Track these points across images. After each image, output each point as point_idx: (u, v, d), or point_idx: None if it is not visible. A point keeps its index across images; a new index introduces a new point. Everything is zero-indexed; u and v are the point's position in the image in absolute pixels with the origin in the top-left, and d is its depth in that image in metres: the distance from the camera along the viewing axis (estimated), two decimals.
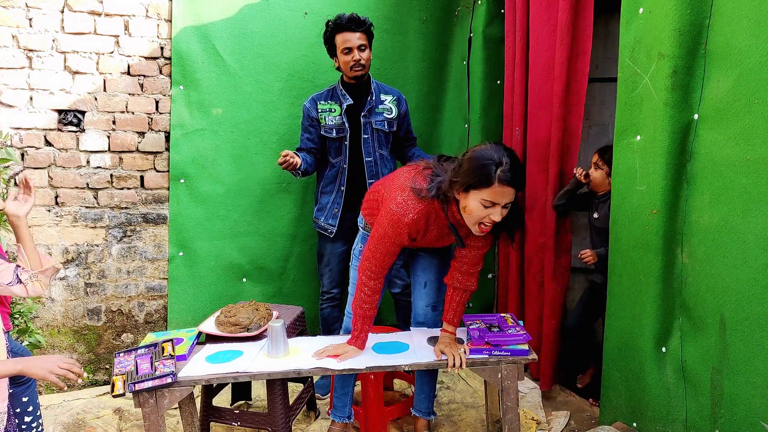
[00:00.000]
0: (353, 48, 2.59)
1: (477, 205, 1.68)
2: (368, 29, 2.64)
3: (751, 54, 1.62)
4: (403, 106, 2.80)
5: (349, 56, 2.60)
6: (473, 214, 1.71)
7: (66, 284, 2.92)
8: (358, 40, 2.60)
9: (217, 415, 2.28)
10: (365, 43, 2.63)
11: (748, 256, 1.66)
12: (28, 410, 1.97)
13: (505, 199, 1.67)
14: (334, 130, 2.69)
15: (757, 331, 1.65)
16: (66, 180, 2.88)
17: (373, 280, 1.96)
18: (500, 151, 1.67)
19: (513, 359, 1.98)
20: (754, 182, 1.63)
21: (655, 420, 2.03)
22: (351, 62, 2.61)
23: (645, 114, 1.99)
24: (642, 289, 2.04)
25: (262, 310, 2.33)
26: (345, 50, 2.60)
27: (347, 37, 2.59)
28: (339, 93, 2.71)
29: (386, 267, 1.96)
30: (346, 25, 2.58)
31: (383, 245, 1.90)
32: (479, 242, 1.96)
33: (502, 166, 1.64)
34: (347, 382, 2.28)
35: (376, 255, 1.93)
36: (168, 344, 2.00)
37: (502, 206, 1.68)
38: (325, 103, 2.72)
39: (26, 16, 2.75)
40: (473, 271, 2.02)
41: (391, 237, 1.88)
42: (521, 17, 2.73)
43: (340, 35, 2.60)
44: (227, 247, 3.07)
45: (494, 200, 1.66)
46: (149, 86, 2.96)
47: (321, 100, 2.73)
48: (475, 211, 1.70)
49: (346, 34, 2.59)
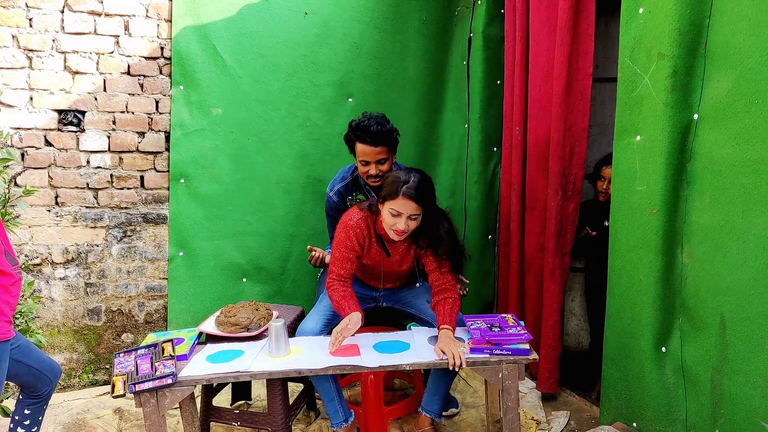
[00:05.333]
0: (371, 162, 2.40)
1: (387, 213, 2.07)
2: (392, 140, 2.39)
3: (751, 54, 1.62)
4: None
5: (366, 168, 2.42)
6: (386, 221, 2.09)
7: (66, 284, 2.92)
8: (378, 154, 2.37)
9: (217, 415, 2.28)
10: (386, 156, 2.40)
11: (748, 256, 1.66)
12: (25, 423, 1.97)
13: (408, 210, 2.03)
14: None
15: (757, 331, 1.65)
16: (66, 180, 2.88)
17: (338, 283, 2.22)
18: (410, 173, 2.07)
19: (514, 359, 1.98)
20: (754, 182, 1.63)
21: (655, 420, 2.03)
22: (366, 172, 2.43)
23: (645, 114, 1.99)
24: (642, 289, 2.04)
25: (262, 310, 2.34)
26: (363, 162, 2.42)
27: (366, 150, 2.37)
28: (363, 186, 2.58)
29: (347, 272, 2.24)
30: (366, 138, 2.35)
31: (338, 251, 2.23)
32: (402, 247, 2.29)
33: (408, 184, 2.02)
34: (327, 388, 2.21)
35: (336, 259, 2.24)
36: (168, 344, 2.00)
37: (407, 216, 2.04)
38: (352, 197, 2.60)
39: (26, 16, 2.75)
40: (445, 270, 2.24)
41: (343, 240, 2.22)
42: (521, 17, 2.73)
43: (359, 145, 2.39)
44: (227, 247, 3.07)
45: (399, 210, 2.03)
46: (149, 86, 2.96)
47: (348, 195, 2.60)
48: (386, 218, 2.08)
49: (366, 147, 2.36)
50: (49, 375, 1.98)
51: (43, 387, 1.97)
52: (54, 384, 2.02)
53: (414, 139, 3.22)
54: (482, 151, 3.21)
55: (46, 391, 1.99)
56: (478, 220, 3.26)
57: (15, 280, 1.85)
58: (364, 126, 2.35)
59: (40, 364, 1.95)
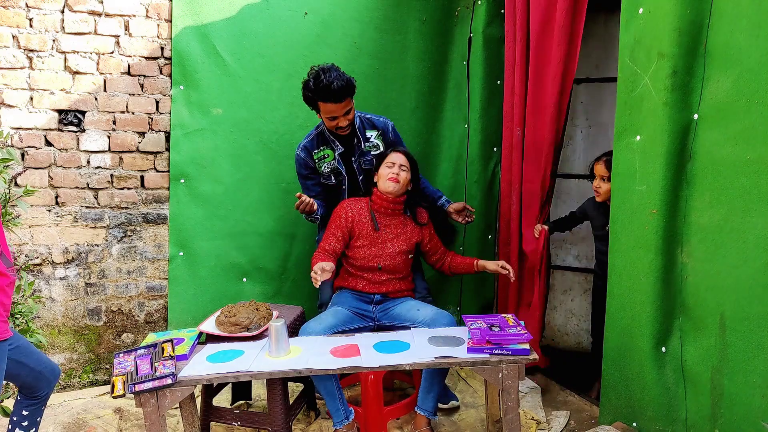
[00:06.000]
0: (339, 116, 2.44)
1: (384, 168, 2.52)
2: (353, 90, 2.41)
3: (751, 54, 1.62)
4: (390, 137, 2.71)
5: (335, 122, 2.47)
6: (381, 174, 2.52)
7: (66, 284, 2.92)
8: (344, 107, 2.41)
9: (217, 415, 2.29)
10: (351, 106, 2.45)
11: (748, 256, 1.66)
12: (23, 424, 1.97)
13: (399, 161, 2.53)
14: (332, 176, 2.67)
15: (756, 330, 1.65)
16: (66, 180, 2.88)
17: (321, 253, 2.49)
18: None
19: (514, 359, 1.98)
20: (754, 182, 1.63)
21: (655, 420, 2.03)
22: (336, 125, 2.48)
23: (645, 114, 1.99)
24: (642, 289, 2.04)
25: (262, 309, 2.34)
26: (330, 118, 2.46)
27: (332, 108, 2.40)
28: (329, 138, 2.61)
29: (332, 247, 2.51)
30: (330, 97, 2.35)
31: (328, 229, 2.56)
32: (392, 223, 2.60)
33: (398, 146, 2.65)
34: (328, 387, 2.23)
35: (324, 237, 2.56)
36: (168, 345, 2.00)
37: (399, 165, 2.51)
38: (318, 150, 2.63)
39: (26, 16, 2.75)
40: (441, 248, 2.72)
41: (334, 219, 2.55)
42: (521, 17, 2.73)
43: (323, 104, 2.40)
44: (227, 247, 3.07)
45: (393, 161, 2.53)
46: (149, 86, 2.96)
47: (314, 149, 2.63)
48: (382, 172, 2.52)
49: (330, 105, 2.39)
50: (48, 376, 1.97)
51: (42, 388, 1.97)
52: (53, 385, 2.01)
53: (414, 139, 3.22)
54: (482, 151, 3.21)
55: (44, 392, 1.99)
56: (478, 220, 3.25)
57: (10, 281, 1.85)
58: (324, 86, 2.32)
59: (40, 365, 1.95)
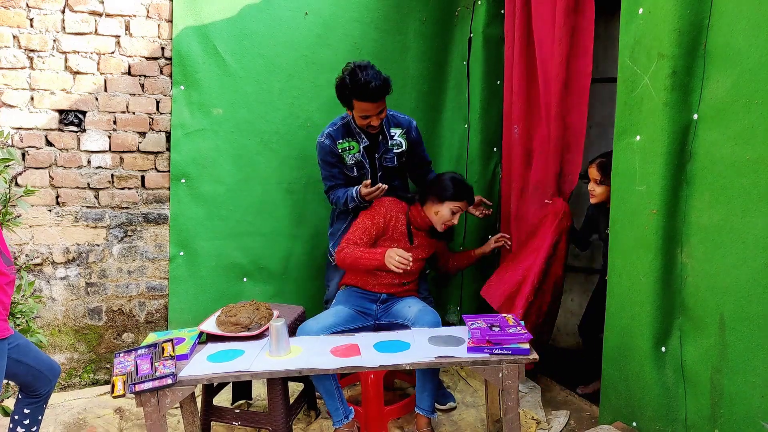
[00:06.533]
0: (372, 115, 2.45)
1: (447, 210, 2.51)
2: (390, 89, 2.41)
3: (751, 54, 1.62)
4: (413, 135, 2.74)
5: (367, 121, 2.49)
6: (443, 215, 2.52)
7: (67, 284, 2.93)
8: (379, 107, 2.41)
9: (218, 415, 2.29)
10: (384, 106, 2.45)
11: (747, 256, 1.66)
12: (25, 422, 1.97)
13: (464, 208, 2.58)
14: (355, 168, 2.67)
15: (756, 331, 1.65)
16: (67, 180, 2.89)
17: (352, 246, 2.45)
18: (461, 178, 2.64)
19: (514, 358, 1.98)
20: (754, 182, 1.63)
21: (655, 420, 2.04)
22: (367, 124, 2.50)
23: (645, 114, 1.99)
24: (642, 289, 2.04)
25: (263, 309, 2.34)
26: (363, 116, 2.47)
27: (368, 107, 2.40)
28: (355, 131, 2.61)
29: (362, 242, 2.47)
30: (368, 96, 2.35)
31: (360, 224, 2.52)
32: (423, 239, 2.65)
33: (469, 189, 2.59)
34: (328, 387, 2.25)
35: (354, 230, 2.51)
36: (168, 344, 2.00)
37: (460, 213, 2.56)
38: (344, 141, 2.62)
39: (27, 16, 2.76)
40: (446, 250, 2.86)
41: (369, 216, 2.52)
42: (521, 17, 2.73)
43: (358, 102, 2.40)
44: (228, 247, 3.08)
45: (461, 208, 2.55)
46: (150, 86, 2.97)
47: (338, 139, 2.62)
48: (444, 214, 2.52)
49: (365, 104, 2.39)
50: (48, 374, 1.98)
51: (42, 386, 1.97)
52: (53, 384, 2.02)
53: None
54: (482, 151, 3.21)
55: (45, 390, 1.99)
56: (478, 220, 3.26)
57: (10, 279, 1.86)
58: (363, 84, 2.32)
59: (40, 364, 1.95)
